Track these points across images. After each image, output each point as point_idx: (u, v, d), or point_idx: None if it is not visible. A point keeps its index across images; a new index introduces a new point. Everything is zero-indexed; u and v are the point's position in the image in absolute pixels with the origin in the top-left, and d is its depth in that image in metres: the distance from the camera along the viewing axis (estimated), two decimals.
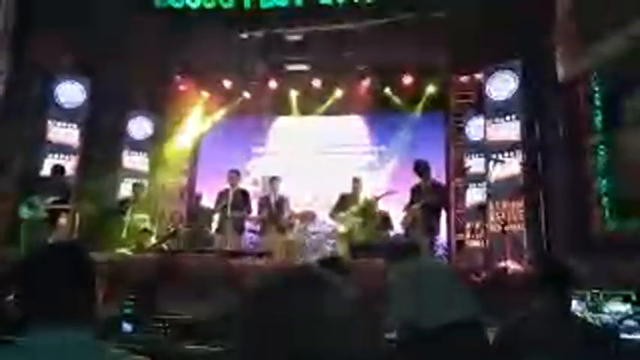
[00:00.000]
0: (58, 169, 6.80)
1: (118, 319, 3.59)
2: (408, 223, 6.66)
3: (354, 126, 9.55)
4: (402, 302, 2.70)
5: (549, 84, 6.65)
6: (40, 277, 1.30)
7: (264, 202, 7.36)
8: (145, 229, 7.07)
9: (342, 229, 7.08)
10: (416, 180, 6.84)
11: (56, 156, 7.53)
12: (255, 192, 8.13)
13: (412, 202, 6.71)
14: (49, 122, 7.65)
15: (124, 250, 6.47)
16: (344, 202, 7.15)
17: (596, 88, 6.09)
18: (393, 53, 8.17)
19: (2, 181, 6.83)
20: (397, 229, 6.99)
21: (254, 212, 7.38)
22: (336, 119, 9.44)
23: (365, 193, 7.23)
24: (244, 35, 8.04)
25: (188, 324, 3.51)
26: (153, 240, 7.06)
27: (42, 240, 5.76)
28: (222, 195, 7.29)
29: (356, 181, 7.25)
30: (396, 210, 7.10)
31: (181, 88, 9.29)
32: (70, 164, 7.49)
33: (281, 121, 9.73)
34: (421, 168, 6.73)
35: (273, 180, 7.43)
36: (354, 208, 7.05)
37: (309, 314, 0.77)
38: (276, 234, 7.08)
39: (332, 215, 7.26)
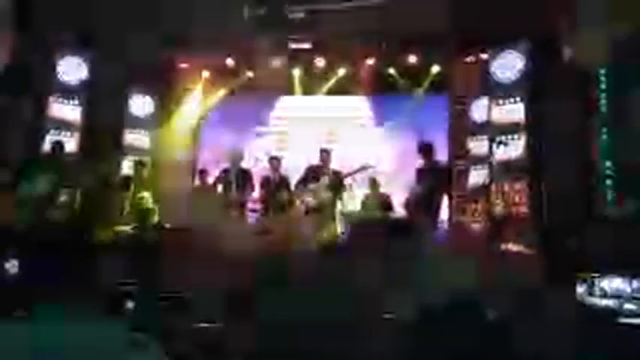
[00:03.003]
0: (58, 146, 6.78)
1: (121, 295, 3.61)
2: (410, 204, 6.63)
3: (357, 106, 9.49)
4: (404, 282, 2.70)
5: (556, 66, 6.59)
6: (43, 253, 1.30)
7: (264, 181, 7.34)
8: (147, 208, 7.08)
9: (311, 202, 6.91)
10: (420, 161, 6.79)
11: (58, 132, 7.51)
12: (257, 171, 8.08)
13: (417, 183, 6.66)
14: (51, 98, 7.61)
15: (125, 228, 6.49)
16: (311, 174, 6.95)
17: (603, 70, 6.03)
18: (397, 33, 8.07)
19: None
20: (400, 211, 6.98)
21: (256, 192, 7.36)
22: (338, 99, 9.38)
23: (334, 166, 7.02)
24: (247, 13, 7.94)
25: (192, 301, 3.53)
26: (155, 218, 7.07)
27: (43, 216, 5.77)
28: (224, 174, 7.29)
29: (325, 152, 7.05)
30: (398, 191, 7.09)
31: (182, 66, 9.23)
32: (71, 141, 7.48)
33: (283, 101, 9.67)
34: (424, 149, 6.69)
35: (273, 159, 7.38)
36: (323, 181, 6.87)
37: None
38: (276, 213, 7.05)
39: (297, 187, 6.99)
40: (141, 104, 8.80)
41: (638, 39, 5.58)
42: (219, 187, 7.34)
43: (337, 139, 9.16)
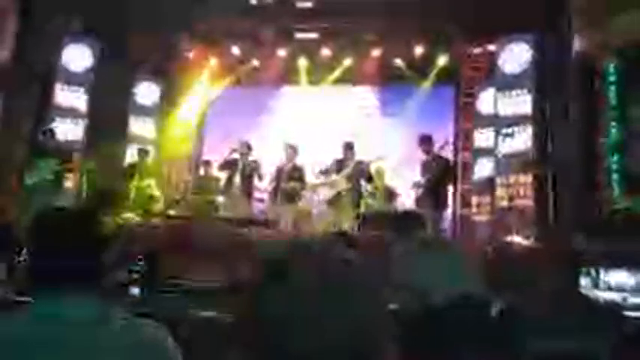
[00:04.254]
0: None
1: (126, 283, 3.63)
2: (416, 197, 6.62)
3: (364, 97, 9.45)
4: (409, 275, 2.70)
5: (563, 58, 6.54)
6: (47, 241, 1.29)
7: (277, 171, 7.27)
8: (152, 196, 7.10)
9: (328, 193, 6.95)
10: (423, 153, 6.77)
11: (64, 120, 7.51)
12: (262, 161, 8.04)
13: (422, 176, 6.67)
14: (57, 86, 7.61)
15: (130, 215, 6.52)
16: (335, 166, 6.99)
17: (612, 64, 5.97)
18: (404, 23, 8.02)
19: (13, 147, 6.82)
20: (406, 203, 6.96)
21: (265, 182, 7.34)
22: (345, 89, 9.34)
23: (357, 159, 7.00)
24: (254, 1, 7.90)
25: (195, 290, 3.55)
26: (160, 206, 7.09)
27: (49, 204, 5.77)
28: (231, 164, 7.28)
29: (348, 146, 7.03)
30: (408, 183, 7.07)
31: (189, 54, 9.20)
32: (78, 129, 7.51)
33: (289, 90, 9.64)
34: (424, 141, 6.68)
35: (289, 148, 7.30)
36: (343, 173, 6.89)
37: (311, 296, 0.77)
38: (285, 203, 7.03)
39: (318, 177, 7.09)
40: (146, 92, 8.79)
41: None
42: (224, 177, 7.35)
43: (343, 129, 9.12)
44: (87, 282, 1.26)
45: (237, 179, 7.18)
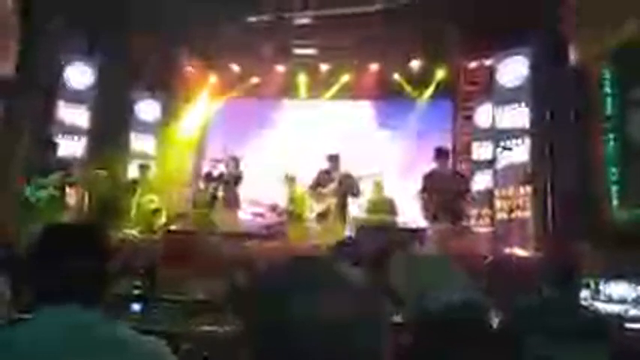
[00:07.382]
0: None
1: (127, 298, 3.64)
2: (433, 210, 6.44)
3: (362, 111, 9.51)
4: (409, 285, 2.71)
5: (560, 70, 6.59)
6: (51, 254, 1.31)
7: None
8: (156, 210, 7.10)
9: (317, 207, 6.94)
10: (430, 167, 6.62)
11: (66, 137, 7.55)
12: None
13: (424, 189, 6.50)
14: (59, 103, 7.66)
15: (133, 231, 6.53)
16: (323, 176, 6.93)
17: (608, 75, 6.02)
18: (401, 38, 8.10)
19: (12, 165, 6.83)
20: (408, 216, 6.96)
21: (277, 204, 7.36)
22: (343, 104, 9.40)
23: (343, 171, 6.93)
24: (252, 18, 7.99)
25: (197, 304, 3.56)
26: (163, 221, 7.10)
27: (53, 219, 5.77)
28: (217, 178, 7.37)
29: (333, 157, 6.94)
30: (402, 195, 7.07)
31: (189, 71, 9.29)
32: (80, 145, 7.55)
33: (288, 106, 9.70)
34: (440, 156, 6.57)
35: (289, 179, 7.35)
36: (331, 187, 6.86)
37: (310, 314, 0.78)
38: (297, 225, 7.03)
39: (309, 191, 7.03)
40: (147, 108, 8.86)
41: None
42: (210, 190, 7.42)
43: (342, 144, 9.15)
44: (91, 293, 1.28)
45: (220, 192, 7.26)
